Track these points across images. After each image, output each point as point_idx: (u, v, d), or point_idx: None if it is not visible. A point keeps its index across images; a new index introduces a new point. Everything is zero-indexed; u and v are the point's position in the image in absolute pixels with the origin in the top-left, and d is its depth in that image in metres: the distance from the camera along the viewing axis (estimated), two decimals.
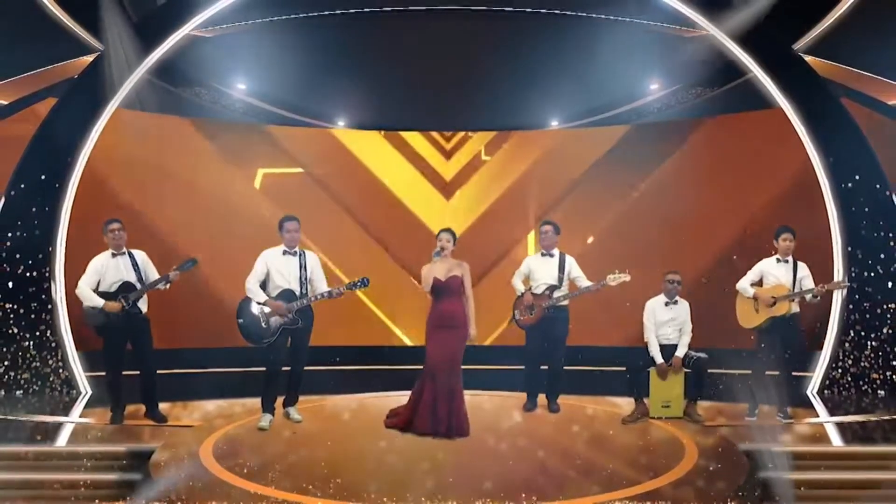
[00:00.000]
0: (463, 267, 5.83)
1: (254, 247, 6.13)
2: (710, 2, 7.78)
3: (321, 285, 5.97)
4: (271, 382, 5.87)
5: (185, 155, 9.36)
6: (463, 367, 5.72)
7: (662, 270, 6.48)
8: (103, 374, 6.13)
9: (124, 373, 6.00)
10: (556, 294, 6.48)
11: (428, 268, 5.80)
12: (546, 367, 6.57)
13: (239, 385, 7.00)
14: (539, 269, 6.58)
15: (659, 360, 6.15)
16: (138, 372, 5.99)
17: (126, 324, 5.83)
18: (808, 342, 6.73)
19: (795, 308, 6.14)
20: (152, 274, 5.99)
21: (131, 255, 5.96)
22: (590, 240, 9.87)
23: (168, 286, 6.00)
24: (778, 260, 6.23)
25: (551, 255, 6.61)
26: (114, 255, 5.91)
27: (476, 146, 10.39)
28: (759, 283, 6.29)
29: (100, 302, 5.75)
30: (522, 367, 6.69)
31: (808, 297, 6.09)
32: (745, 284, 6.29)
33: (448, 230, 5.91)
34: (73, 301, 7.00)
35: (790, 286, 6.12)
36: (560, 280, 6.52)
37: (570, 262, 6.61)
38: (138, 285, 5.88)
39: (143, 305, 5.95)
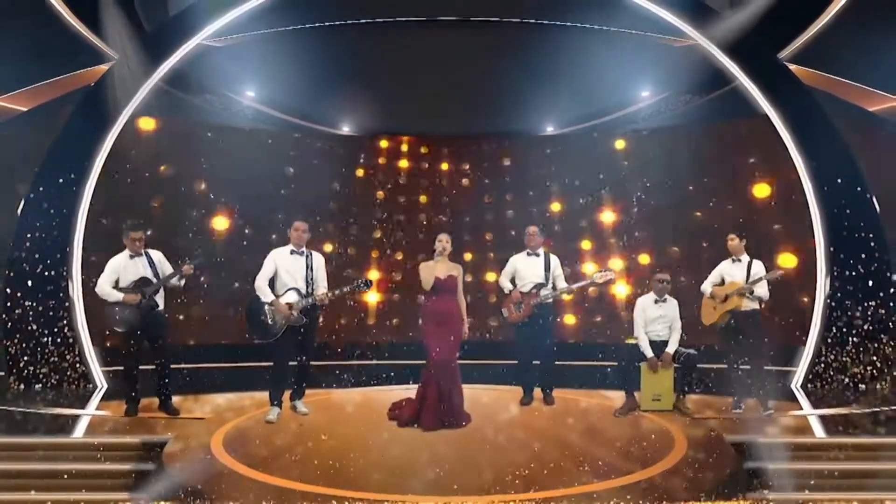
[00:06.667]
0: (458, 269, 5.89)
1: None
2: (699, 13, 7.80)
3: (323, 286, 5.97)
4: (279, 377, 5.88)
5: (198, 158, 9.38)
6: (465, 362, 5.75)
7: (651, 271, 6.51)
8: (120, 368, 6.13)
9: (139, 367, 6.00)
10: (543, 292, 6.48)
11: (428, 267, 5.82)
12: (538, 363, 6.57)
13: (248, 379, 7.00)
14: (525, 269, 6.58)
15: (649, 354, 6.16)
16: (153, 366, 5.99)
17: (144, 319, 5.83)
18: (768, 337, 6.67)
19: (751, 304, 6.13)
20: (168, 271, 6.01)
21: (148, 255, 5.97)
22: (582, 242, 9.88)
23: (183, 281, 6.02)
24: (732, 260, 6.28)
25: (537, 255, 6.61)
26: (132, 257, 5.92)
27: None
28: (722, 283, 6.32)
29: (119, 296, 5.78)
30: (515, 362, 6.71)
31: (752, 290, 6.05)
32: (705, 285, 6.39)
33: (446, 233, 5.97)
34: (89, 299, 7.02)
35: (743, 283, 6.13)
36: (546, 278, 6.53)
37: (555, 261, 6.63)
38: (155, 281, 5.90)
39: (160, 301, 5.96)
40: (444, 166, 10.49)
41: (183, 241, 8.77)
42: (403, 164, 10.42)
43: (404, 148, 10.46)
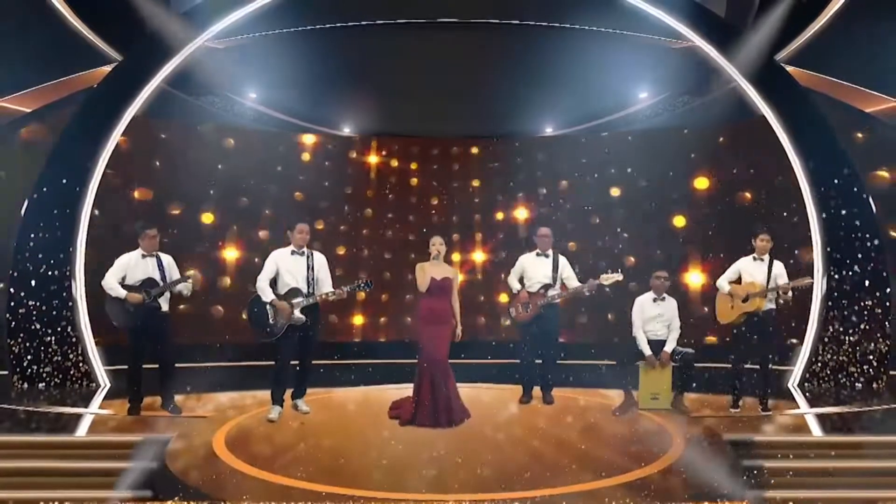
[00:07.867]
0: (454, 271, 5.95)
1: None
2: (698, 15, 7.81)
3: (326, 285, 5.98)
4: (280, 376, 5.88)
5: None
6: (465, 361, 5.78)
7: (651, 270, 6.52)
8: (123, 367, 6.14)
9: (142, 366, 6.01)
10: (551, 292, 6.49)
11: (423, 268, 5.85)
12: (540, 362, 6.58)
13: (250, 378, 7.01)
14: (534, 269, 6.59)
15: (647, 351, 6.15)
16: (157, 365, 6.00)
17: (147, 319, 5.84)
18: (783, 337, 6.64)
19: (770, 305, 6.06)
20: (176, 276, 6.01)
21: (158, 258, 5.98)
22: (578, 243, 9.89)
23: (189, 291, 6.03)
24: (755, 258, 6.20)
25: (546, 256, 6.61)
26: (143, 256, 5.93)
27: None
28: (738, 282, 6.23)
29: (122, 293, 5.79)
30: (517, 361, 6.71)
31: (779, 293, 5.98)
32: (722, 282, 6.26)
33: (439, 235, 5.99)
34: (92, 299, 7.03)
35: (764, 283, 6.07)
36: (554, 279, 6.53)
37: (563, 262, 6.63)
38: (161, 283, 5.91)
39: (164, 303, 5.97)
40: (454, 167, 10.49)
41: (187, 243, 8.78)
42: (411, 165, 10.43)
43: (414, 149, 10.47)
